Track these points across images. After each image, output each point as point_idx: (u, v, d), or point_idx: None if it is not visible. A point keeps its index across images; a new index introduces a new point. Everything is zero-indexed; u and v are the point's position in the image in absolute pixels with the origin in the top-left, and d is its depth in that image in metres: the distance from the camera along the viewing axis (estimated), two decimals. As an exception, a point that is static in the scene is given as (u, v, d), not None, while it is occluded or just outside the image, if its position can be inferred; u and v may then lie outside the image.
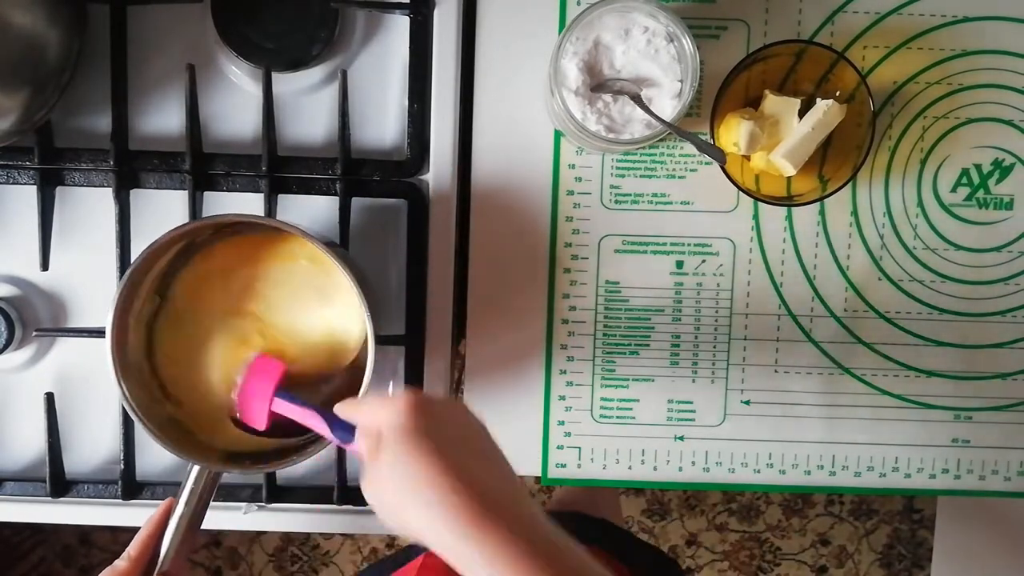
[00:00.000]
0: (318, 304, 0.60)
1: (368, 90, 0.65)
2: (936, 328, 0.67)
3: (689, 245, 0.66)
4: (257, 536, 1.60)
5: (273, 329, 0.61)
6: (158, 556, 0.53)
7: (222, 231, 0.60)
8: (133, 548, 0.53)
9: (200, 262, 0.60)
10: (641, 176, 0.66)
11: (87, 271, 0.65)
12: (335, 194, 0.64)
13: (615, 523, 0.84)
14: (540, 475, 0.68)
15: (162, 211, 0.64)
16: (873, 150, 0.65)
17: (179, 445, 0.56)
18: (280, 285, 0.61)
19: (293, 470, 0.66)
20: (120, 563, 0.52)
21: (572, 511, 0.86)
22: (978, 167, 0.66)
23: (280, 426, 0.57)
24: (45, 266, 0.64)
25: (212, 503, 0.56)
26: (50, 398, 0.65)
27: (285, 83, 0.64)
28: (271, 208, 0.63)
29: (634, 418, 0.68)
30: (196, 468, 0.55)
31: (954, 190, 0.66)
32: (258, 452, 0.59)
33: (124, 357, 0.56)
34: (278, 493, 0.66)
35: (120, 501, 0.65)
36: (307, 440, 0.59)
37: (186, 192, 0.63)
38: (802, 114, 0.60)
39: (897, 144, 0.66)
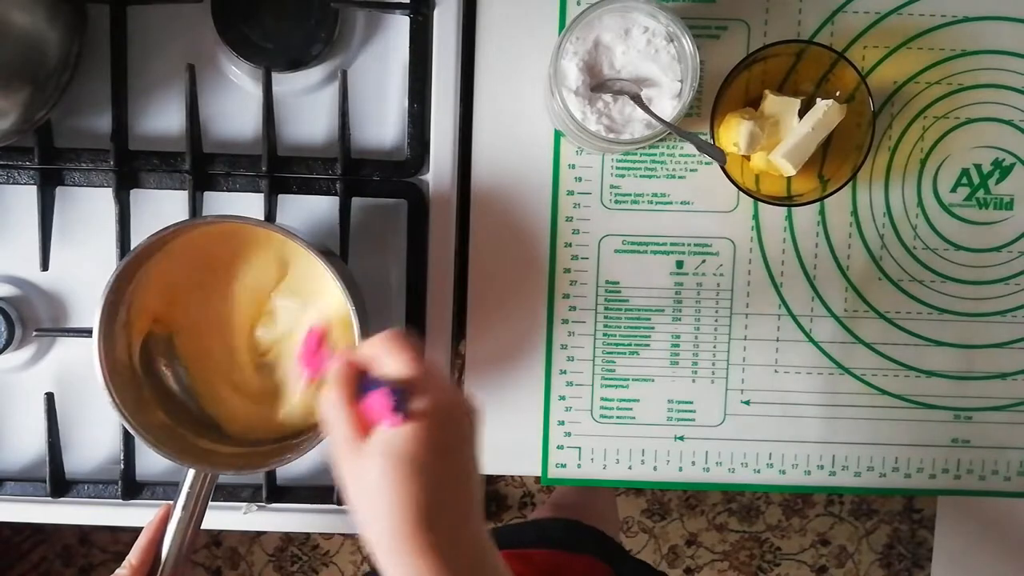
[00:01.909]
0: (310, 307, 0.60)
1: (368, 90, 0.65)
2: (936, 328, 0.67)
3: (689, 245, 0.66)
4: (257, 536, 1.60)
5: (268, 332, 0.61)
6: (159, 561, 0.53)
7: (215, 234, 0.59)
8: (133, 556, 0.53)
9: (191, 266, 0.60)
10: (641, 176, 0.66)
11: (87, 271, 0.65)
12: (335, 194, 0.64)
13: (609, 532, 0.84)
14: (540, 475, 0.68)
15: (162, 211, 0.64)
16: (873, 150, 0.65)
17: (173, 449, 0.56)
18: (271, 289, 0.61)
19: (293, 469, 0.66)
20: (121, 572, 0.52)
21: (567, 518, 0.86)
22: (978, 167, 0.66)
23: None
24: (45, 266, 0.64)
25: (212, 503, 0.56)
26: (50, 398, 0.65)
27: (285, 83, 0.64)
28: (271, 208, 0.63)
29: (634, 418, 0.68)
30: (192, 471, 0.55)
31: (954, 190, 0.66)
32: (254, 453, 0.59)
33: (113, 363, 0.56)
34: (278, 493, 0.66)
35: (120, 501, 0.65)
36: (302, 440, 0.59)
37: (186, 192, 0.63)
38: (802, 114, 0.60)
39: (897, 144, 0.66)
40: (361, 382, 0.44)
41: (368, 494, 0.41)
